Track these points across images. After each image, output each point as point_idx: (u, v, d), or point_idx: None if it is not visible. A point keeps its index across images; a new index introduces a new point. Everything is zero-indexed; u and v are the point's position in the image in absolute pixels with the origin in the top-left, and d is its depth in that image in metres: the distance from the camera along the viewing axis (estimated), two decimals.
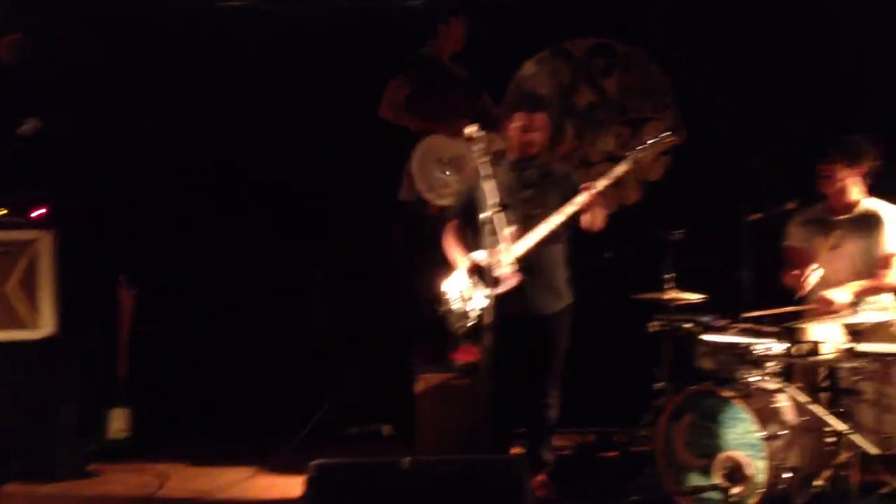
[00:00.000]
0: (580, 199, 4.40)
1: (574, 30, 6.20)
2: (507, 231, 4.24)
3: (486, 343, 4.11)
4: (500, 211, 4.13)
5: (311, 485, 3.17)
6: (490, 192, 4.16)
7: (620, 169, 4.49)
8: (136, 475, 5.08)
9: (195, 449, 5.51)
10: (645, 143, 4.53)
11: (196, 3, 6.03)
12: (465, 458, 3.58)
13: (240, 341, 5.94)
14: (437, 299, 4.66)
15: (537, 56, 6.21)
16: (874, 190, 4.77)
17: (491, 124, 5.06)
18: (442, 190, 5.46)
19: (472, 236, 4.64)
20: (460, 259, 4.60)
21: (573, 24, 6.18)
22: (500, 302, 4.21)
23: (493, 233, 4.19)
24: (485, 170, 4.23)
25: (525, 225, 4.45)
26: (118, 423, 5.48)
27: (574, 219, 4.45)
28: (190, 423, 5.70)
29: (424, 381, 5.24)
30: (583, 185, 4.45)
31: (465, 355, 5.18)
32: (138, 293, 5.68)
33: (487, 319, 4.14)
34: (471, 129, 4.29)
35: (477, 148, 4.27)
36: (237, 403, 5.81)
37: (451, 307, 4.58)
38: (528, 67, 6.21)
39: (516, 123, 4.61)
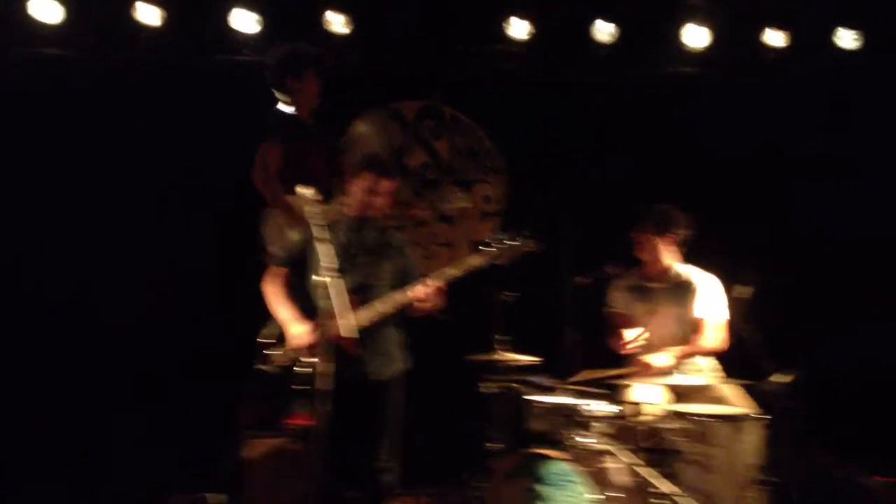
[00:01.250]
0: (418, 291, 4.39)
1: (403, 92, 6.27)
2: (341, 297, 4.18)
3: (320, 409, 4.03)
4: (337, 277, 4.08)
5: None
6: (325, 255, 4.11)
7: (472, 261, 4.50)
8: None
9: None
10: (503, 244, 4.49)
11: None
12: None
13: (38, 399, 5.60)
14: (263, 356, 4.56)
15: (368, 115, 6.23)
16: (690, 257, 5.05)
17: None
18: None
19: (296, 290, 4.57)
20: (289, 316, 4.52)
21: (402, 86, 6.25)
22: (335, 367, 4.15)
23: (326, 297, 4.12)
24: (319, 232, 4.18)
25: (359, 293, 4.41)
26: None
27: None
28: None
29: (255, 446, 5.08)
30: (426, 279, 4.42)
31: (298, 420, 5.05)
32: None
33: (323, 385, 4.06)
34: (306, 191, 4.24)
35: (312, 209, 4.22)
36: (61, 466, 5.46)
37: (281, 365, 4.50)
38: (360, 126, 6.22)
39: (362, 183, 4.56)
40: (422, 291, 4.39)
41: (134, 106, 5.71)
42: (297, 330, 4.44)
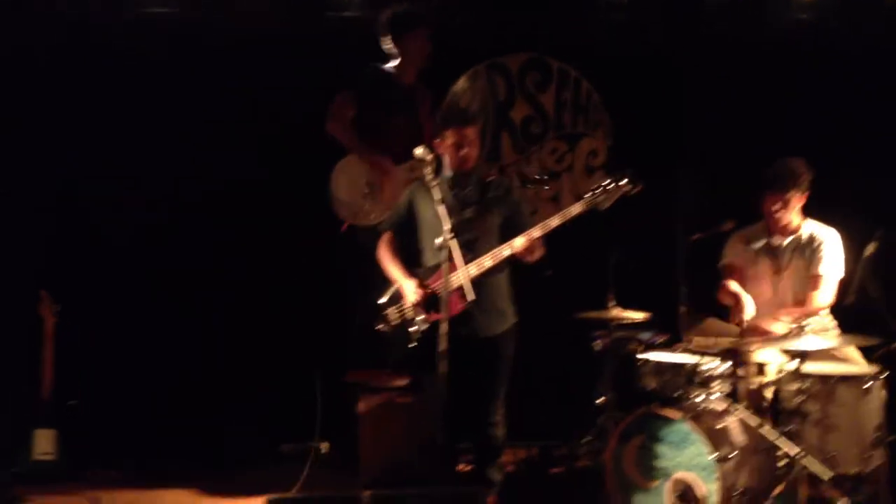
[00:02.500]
0: (519, 243, 4.38)
1: (507, 46, 6.20)
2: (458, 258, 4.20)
3: (441, 369, 4.08)
4: (453, 237, 4.10)
5: None
6: (443, 216, 4.14)
7: (573, 209, 4.45)
8: (65, 499, 4.88)
9: (127, 472, 5.31)
10: (603, 188, 4.43)
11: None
12: (424, 491, 3.54)
13: (171, 358, 5.72)
14: (375, 315, 4.62)
15: (471, 70, 6.18)
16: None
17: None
18: (365, 217, 5.35)
19: (406, 252, 4.63)
20: (402, 277, 4.57)
21: (506, 40, 6.18)
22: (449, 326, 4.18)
23: (447, 258, 4.15)
24: (436, 193, 4.22)
25: (468, 248, 4.42)
26: (43, 444, 5.25)
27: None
28: (121, 444, 5.49)
29: (367, 401, 5.16)
30: (528, 233, 4.40)
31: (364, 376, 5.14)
32: (61, 309, 5.44)
33: (442, 346, 4.10)
34: (420, 151, 4.27)
35: (427, 170, 4.26)
36: (170, 423, 5.61)
37: (392, 324, 4.56)
38: (462, 83, 6.17)
39: (449, 140, 4.57)
40: (524, 242, 4.38)
41: (245, 66, 5.73)
42: (410, 286, 4.49)
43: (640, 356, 4.76)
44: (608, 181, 4.44)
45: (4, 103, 5.54)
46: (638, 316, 5.04)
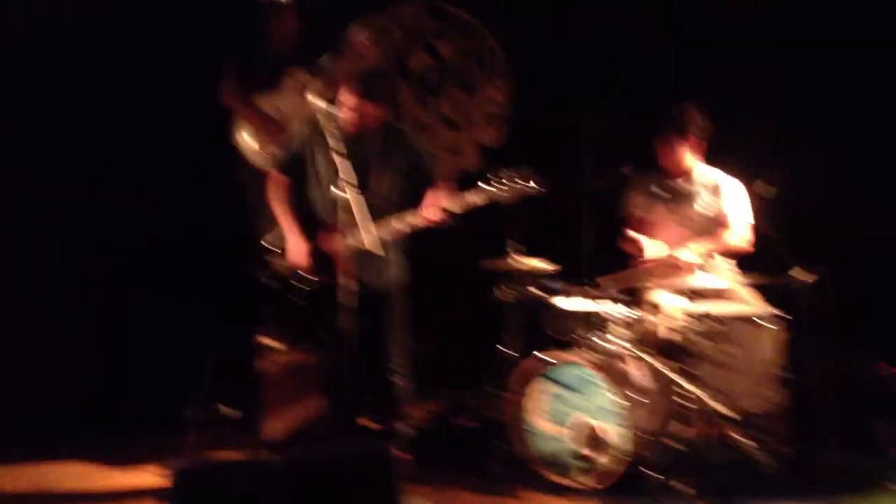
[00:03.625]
0: (418, 220, 4.39)
1: None
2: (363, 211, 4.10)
3: (344, 324, 4.00)
4: (359, 192, 4.00)
5: (175, 493, 2.98)
6: (340, 164, 4.04)
7: (471, 199, 4.43)
8: None
9: (24, 445, 5.09)
10: (504, 182, 4.40)
11: None
12: (332, 449, 3.48)
13: (65, 320, 5.51)
14: (263, 263, 4.55)
15: (367, 18, 6.03)
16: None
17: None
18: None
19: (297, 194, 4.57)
20: (295, 233, 4.50)
21: None
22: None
23: (347, 211, 4.05)
24: (335, 144, 4.11)
25: (372, 203, 4.34)
26: None
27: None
28: (14, 417, 5.26)
29: (270, 359, 5.05)
30: (429, 202, 4.40)
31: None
32: None
33: (347, 300, 4.02)
34: (320, 101, 4.16)
35: (328, 120, 4.15)
36: (65, 390, 5.41)
37: (280, 275, 4.49)
38: (359, 28, 6.02)
39: (351, 103, 4.47)
40: (427, 218, 4.38)
41: None
42: (299, 247, 4.39)
43: (542, 303, 4.76)
44: (510, 176, 4.42)
45: None
46: (543, 265, 5.01)
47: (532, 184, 4.41)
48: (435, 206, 4.39)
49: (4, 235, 5.44)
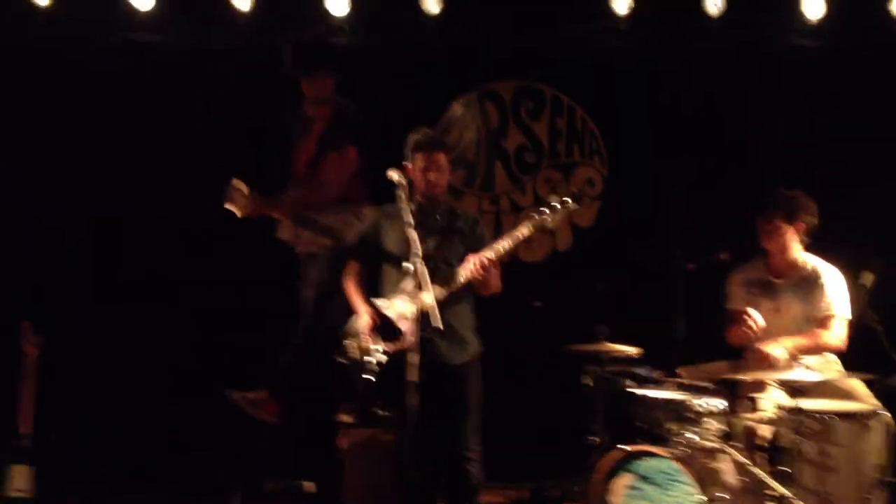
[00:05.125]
0: (466, 272, 4.22)
1: (500, 72, 6.07)
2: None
3: (410, 401, 3.90)
4: (424, 263, 3.91)
5: None
6: (413, 241, 3.99)
7: (521, 231, 4.28)
8: None
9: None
10: (548, 206, 4.28)
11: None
12: None
13: (151, 395, 5.58)
14: (341, 347, 4.46)
15: (464, 97, 6.06)
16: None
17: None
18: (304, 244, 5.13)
19: (367, 279, 4.49)
20: (361, 305, 4.42)
21: (499, 66, 6.05)
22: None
23: (416, 284, 3.99)
24: (407, 216, 4.07)
25: (431, 275, 4.24)
26: (19, 481, 5.07)
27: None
28: (97, 481, 5.34)
29: (349, 436, 4.99)
30: (475, 256, 4.24)
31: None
32: (43, 342, 5.31)
33: (411, 377, 3.92)
34: (394, 173, 4.13)
35: (400, 192, 4.11)
36: (148, 461, 5.45)
37: (349, 356, 4.40)
38: (456, 108, 6.06)
39: (418, 165, 4.42)
40: (472, 268, 4.20)
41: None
42: (363, 313, 4.35)
43: (631, 392, 4.58)
44: (555, 200, 4.30)
45: None
46: (630, 349, 4.84)
47: (574, 202, 4.29)
48: (474, 258, 4.24)
49: None
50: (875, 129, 5.65)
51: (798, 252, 4.71)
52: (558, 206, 4.27)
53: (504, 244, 4.25)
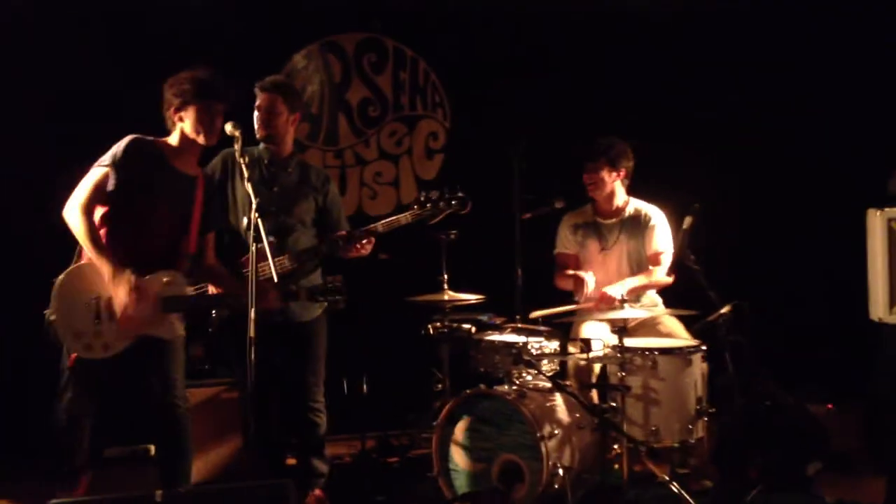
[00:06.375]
0: (352, 252, 4.36)
1: (342, 24, 6.04)
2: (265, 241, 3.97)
3: (251, 357, 3.88)
4: (258, 217, 3.87)
5: None
6: (248, 194, 3.92)
7: (400, 220, 4.42)
8: None
9: None
10: (433, 203, 4.44)
11: None
12: (225, 487, 3.38)
13: None
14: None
15: (307, 49, 6.00)
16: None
17: None
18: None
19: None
20: None
21: (341, 18, 6.02)
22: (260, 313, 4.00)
23: (256, 240, 3.94)
24: (244, 170, 3.99)
25: (278, 231, 4.30)
26: None
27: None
28: None
29: (193, 396, 4.92)
30: (359, 233, 4.36)
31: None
32: None
33: (252, 333, 3.90)
34: (230, 126, 3.98)
35: (237, 145, 3.99)
36: None
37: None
38: (298, 61, 5.99)
39: (257, 102, 4.43)
40: (350, 249, 4.35)
41: None
42: None
43: (471, 338, 4.69)
44: (438, 197, 4.45)
45: None
46: (472, 298, 4.94)
47: (458, 202, 4.44)
48: (362, 239, 4.33)
49: None
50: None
51: (623, 195, 4.92)
52: (443, 203, 4.42)
53: (379, 227, 4.39)
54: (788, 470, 4.17)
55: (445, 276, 4.90)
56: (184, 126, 3.91)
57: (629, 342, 4.30)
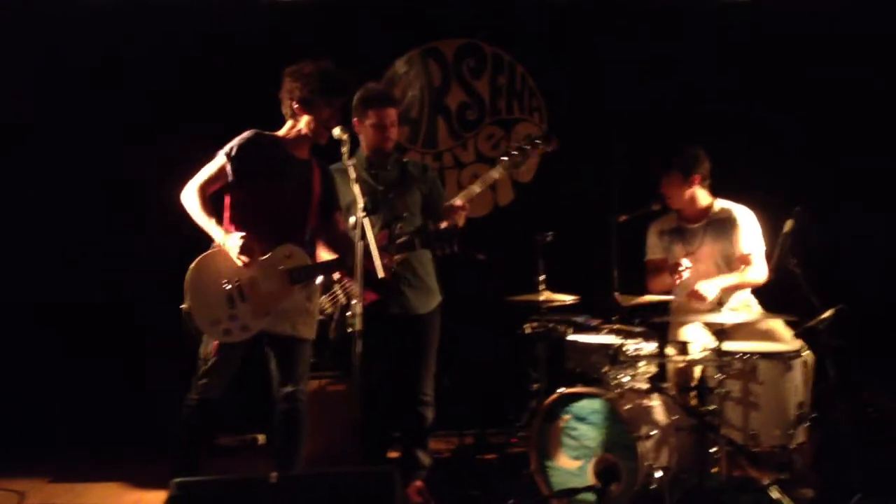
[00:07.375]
0: (453, 221, 4.38)
1: (442, 30, 6.16)
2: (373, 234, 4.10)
3: (357, 349, 4.00)
4: (365, 216, 4.00)
5: None
6: (358, 196, 4.06)
7: (492, 176, 4.49)
8: None
9: (56, 464, 5.23)
10: (515, 150, 4.48)
11: None
12: (334, 472, 3.50)
13: (98, 350, 5.63)
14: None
15: (407, 55, 6.14)
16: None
17: None
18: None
19: None
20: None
21: (441, 24, 6.14)
22: (374, 304, 4.13)
23: (362, 237, 4.07)
24: (351, 172, 4.12)
25: (389, 228, 4.39)
26: None
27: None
28: (49, 437, 5.42)
29: None
30: (452, 204, 4.42)
31: None
32: None
33: (358, 326, 4.02)
34: (337, 131, 4.15)
35: (343, 149, 4.15)
36: (99, 416, 5.53)
37: (327, 312, 4.50)
38: (399, 66, 6.14)
39: (369, 121, 4.54)
40: (458, 218, 4.38)
41: None
42: None
43: (568, 338, 4.75)
44: (524, 141, 4.51)
45: None
46: (568, 299, 4.99)
47: (543, 141, 4.49)
48: (455, 207, 4.41)
49: None
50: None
51: (706, 198, 4.91)
52: (528, 146, 4.46)
53: (476, 188, 4.47)
54: (890, 477, 4.12)
55: (542, 277, 4.96)
56: (303, 119, 4.11)
57: (728, 345, 4.29)
